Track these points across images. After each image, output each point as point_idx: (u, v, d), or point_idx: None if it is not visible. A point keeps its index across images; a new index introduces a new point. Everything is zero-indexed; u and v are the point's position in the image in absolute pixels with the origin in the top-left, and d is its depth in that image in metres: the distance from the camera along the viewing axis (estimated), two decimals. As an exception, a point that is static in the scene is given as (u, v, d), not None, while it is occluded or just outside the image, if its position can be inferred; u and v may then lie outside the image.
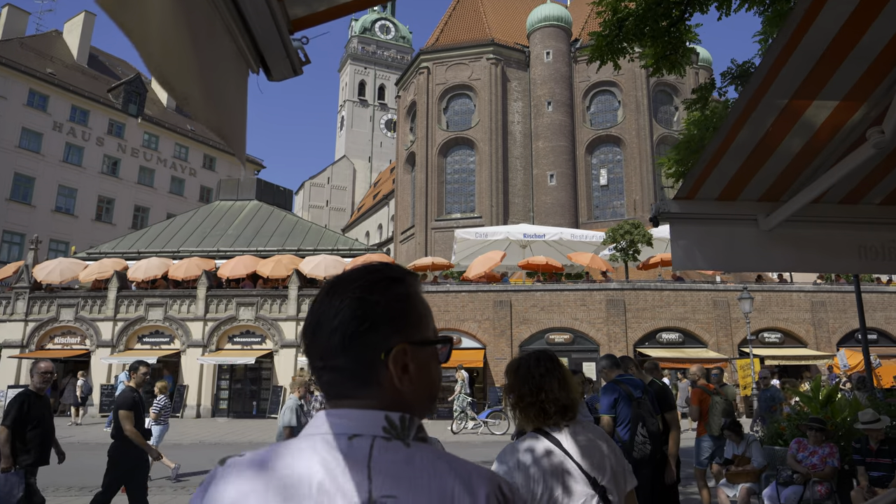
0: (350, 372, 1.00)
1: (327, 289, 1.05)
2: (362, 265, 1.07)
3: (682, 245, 2.87)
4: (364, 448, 0.95)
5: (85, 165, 41.89)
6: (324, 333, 1.01)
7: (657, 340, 22.09)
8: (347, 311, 1.00)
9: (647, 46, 5.50)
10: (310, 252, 26.46)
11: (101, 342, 24.61)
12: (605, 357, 4.98)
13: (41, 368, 6.01)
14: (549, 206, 40.03)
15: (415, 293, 1.06)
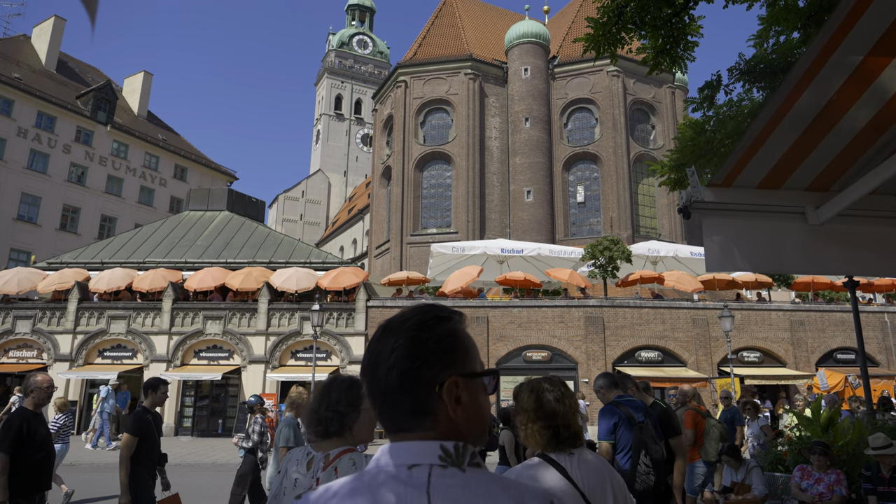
0: (408, 406, 1.10)
1: (382, 329, 1.16)
2: (413, 307, 1.18)
3: (718, 242, 2.39)
4: (423, 476, 1.05)
5: (50, 173, 40.64)
6: (382, 372, 1.11)
7: (636, 359, 21.73)
8: (402, 349, 1.11)
9: (647, 38, 5.09)
10: (281, 264, 25.69)
11: (58, 356, 23.48)
12: (602, 376, 4.47)
13: (40, 382, 5.14)
14: (526, 222, 39.77)
15: (462, 330, 1.17)
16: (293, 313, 23.66)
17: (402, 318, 1.15)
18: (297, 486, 2.49)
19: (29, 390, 5.14)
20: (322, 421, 2.51)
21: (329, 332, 23.25)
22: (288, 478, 2.55)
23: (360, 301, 23.54)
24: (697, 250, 24.29)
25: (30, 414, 5.04)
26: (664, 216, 40.84)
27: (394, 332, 1.12)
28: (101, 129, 43.97)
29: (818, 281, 23.74)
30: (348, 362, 22.94)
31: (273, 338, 23.44)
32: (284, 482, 2.56)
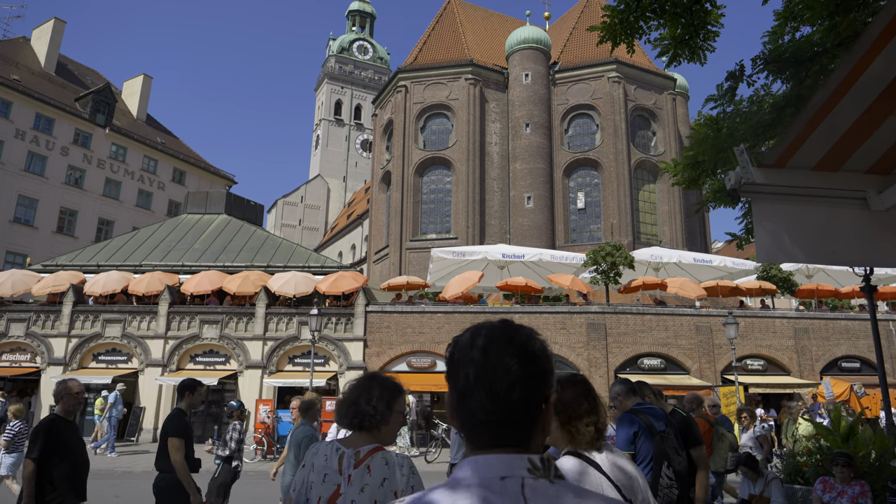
0: (520, 422, 1.15)
1: (487, 349, 1.16)
2: (493, 328, 1.21)
3: (769, 229, 2.13)
4: (516, 487, 1.09)
5: (47, 175, 40.39)
6: (501, 387, 1.13)
7: (638, 366, 21.44)
8: (522, 367, 1.15)
9: (665, 26, 4.85)
10: (280, 269, 25.41)
11: (52, 360, 23.15)
12: (619, 382, 4.21)
13: (72, 388, 4.93)
14: (526, 228, 39.55)
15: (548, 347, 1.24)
16: (291, 318, 23.37)
17: (504, 337, 1.18)
18: (325, 481, 2.46)
19: (59, 397, 4.93)
20: (359, 414, 2.54)
21: (327, 338, 22.96)
22: (316, 472, 2.51)
23: (358, 306, 23.26)
24: (700, 256, 24.06)
25: (60, 420, 4.83)
26: (665, 223, 40.63)
27: (501, 352, 1.16)
28: (100, 132, 43.74)
29: (822, 288, 23.50)
30: (347, 368, 22.64)
31: (270, 343, 23.14)
32: (311, 476, 2.52)
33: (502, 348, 1.16)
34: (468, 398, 1.16)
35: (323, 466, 2.49)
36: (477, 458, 1.14)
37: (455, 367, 1.21)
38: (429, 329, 22.45)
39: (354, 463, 2.45)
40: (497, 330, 1.20)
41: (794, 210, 2.13)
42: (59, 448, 4.69)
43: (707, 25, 4.72)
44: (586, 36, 44.63)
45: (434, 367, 22.22)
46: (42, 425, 4.74)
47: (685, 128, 44.29)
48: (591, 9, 46.97)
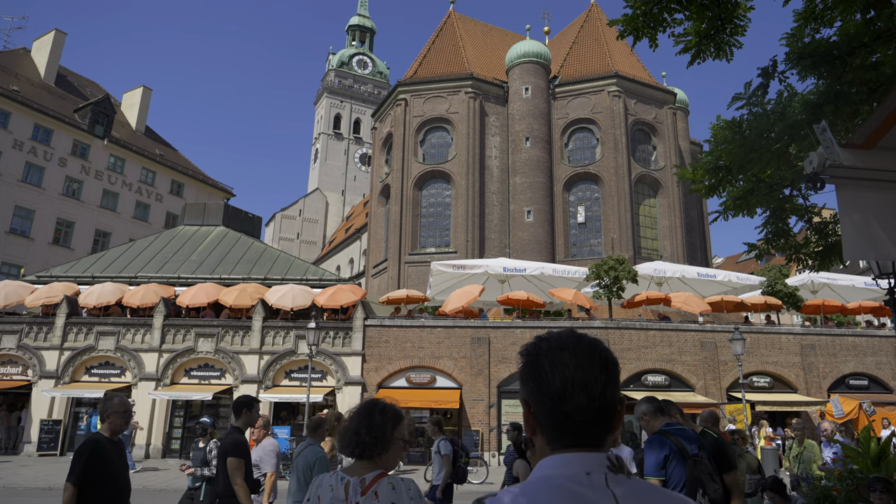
0: (607, 423, 1.27)
1: (578, 354, 1.28)
2: (574, 334, 1.33)
3: (857, 221, 1.80)
4: (601, 481, 1.20)
5: (45, 186, 40.11)
6: (594, 391, 1.24)
7: (643, 383, 21.01)
8: (608, 374, 1.27)
9: (690, 19, 4.56)
10: (277, 281, 25.03)
11: (44, 373, 22.68)
12: (645, 401, 3.86)
13: (118, 406, 4.49)
14: (526, 242, 39.25)
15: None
16: (288, 332, 22.97)
17: (586, 341, 1.31)
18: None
19: (106, 415, 4.49)
20: (361, 444, 2.54)
21: (325, 352, 22.53)
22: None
23: (357, 319, 22.86)
24: (704, 271, 23.74)
25: (105, 441, 4.40)
26: (665, 237, 40.37)
27: (592, 353, 1.28)
28: (98, 143, 43.53)
29: (828, 304, 23.15)
30: (344, 383, 22.21)
31: (267, 357, 22.71)
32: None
33: (591, 354, 1.28)
34: (565, 400, 1.25)
35: (330, 498, 2.48)
36: (561, 456, 1.25)
37: (543, 370, 1.28)
38: (428, 344, 22.04)
39: (361, 490, 2.45)
40: (577, 337, 1.32)
41: (884, 199, 1.81)
42: (102, 471, 4.29)
43: (734, 19, 4.43)
44: (586, 50, 44.68)
45: (434, 383, 21.79)
46: (86, 447, 4.31)
47: (685, 142, 44.20)
48: (590, 23, 47.06)
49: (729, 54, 4.70)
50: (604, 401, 1.25)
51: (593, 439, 1.25)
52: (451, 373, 21.69)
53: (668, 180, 41.14)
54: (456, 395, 21.18)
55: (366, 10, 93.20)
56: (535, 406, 1.29)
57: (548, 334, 1.35)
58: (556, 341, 1.31)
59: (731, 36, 4.60)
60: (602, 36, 45.28)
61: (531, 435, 1.33)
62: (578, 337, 1.31)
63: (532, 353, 1.32)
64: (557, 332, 1.34)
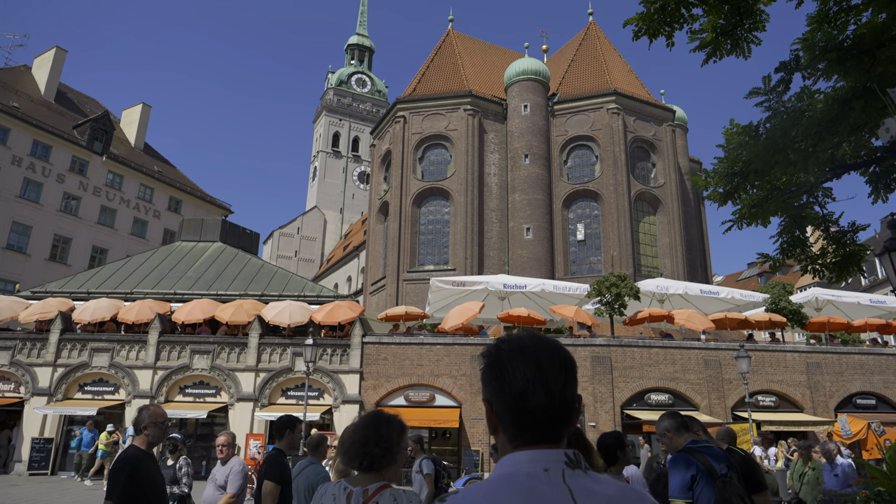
0: (565, 420, 1.33)
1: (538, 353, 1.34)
2: (534, 336, 1.38)
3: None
4: (558, 477, 1.25)
5: (42, 202, 39.93)
6: (554, 389, 1.31)
7: (646, 402, 20.63)
8: (568, 371, 1.34)
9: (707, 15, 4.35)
10: (274, 297, 24.72)
11: (36, 390, 22.27)
12: (668, 416, 3.60)
13: (155, 417, 4.17)
14: (525, 259, 39.02)
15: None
16: (285, 349, 22.61)
17: (545, 341, 1.37)
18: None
19: (142, 426, 4.17)
20: (369, 455, 2.53)
21: (322, 370, 22.17)
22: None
23: (355, 336, 22.53)
24: (707, 288, 23.49)
25: (142, 455, 4.09)
26: (665, 255, 40.17)
27: (552, 352, 1.34)
28: (97, 160, 43.44)
29: (833, 321, 22.86)
30: (342, 401, 21.80)
31: (263, 374, 22.33)
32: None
33: (551, 354, 1.34)
34: (527, 398, 1.30)
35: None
36: (522, 453, 1.29)
37: (505, 370, 1.33)
38: (427, 361, 21.69)
39: (363, 500, 2.46)
40: (537, 338, 1.38)
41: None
42: (143, 487, 3.98)
43: (753, 13, 4.22)
44: (585, 67, 44.83)
45: (433, 402, 21.40)
46: (125, 462, 4.00)
47: (684, 160, 44.19)
48: (589, 41, 47.28)
49: (746, 51, 4.49)
50: (563, 398, 1.31)
51: (552, 435, 1.30)
52: (450, 391, 21.32)
53: (667, 197, 41.05)
54: (455, 413, 20.80)
55: (365, 30, 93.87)
56: (498, 404, 1.34)
57: (508, 336, 1.41)
58: (517, 342, 1.37)
59: (749, 32, 4.40)
60: (601, 53, 45.47)
61: (493, 433, 1.37)
62: (538, 338, 1.37)
63: (494, 354, 1.37)
64: (518, 333, 1.41)
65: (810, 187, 5.77)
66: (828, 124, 4.14)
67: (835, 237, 6.28)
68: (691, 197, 44.75)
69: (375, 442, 2.53)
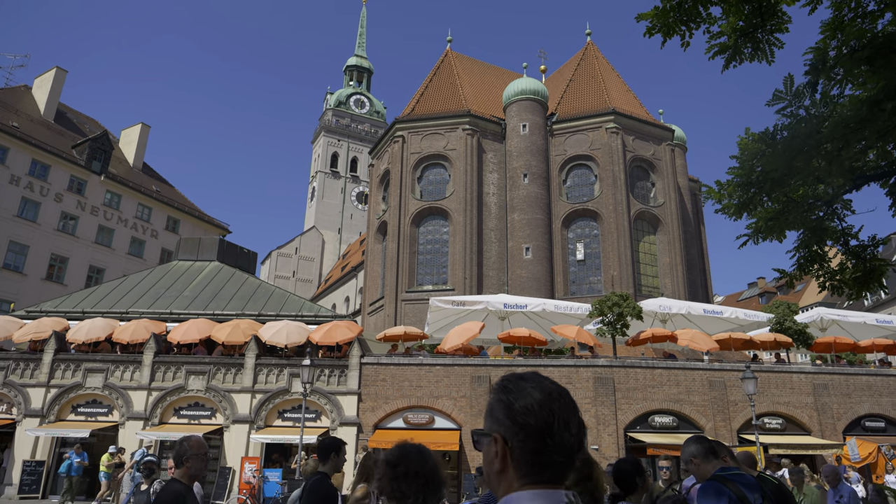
0: (573, 461, 1.35)
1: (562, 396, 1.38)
2: (545, 377, 1.42)
3: None
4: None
5: (40, 221, 39.77)
6: (573, 431, 1.36)
7: (650, 424, 20.20)
8: (577, 416, 1.39)
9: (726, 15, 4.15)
10: (272, 317, 24.40)
11: (29, 411, 21.85)
12: (695, 441, 3.32)
13: (197, 448, 3.95)
14: (525, 279, 38.74)
15: None
16: (282, 369, 22.24)
17: (560, 387, 1.40)
18: None
19: (183, 458, 3.93)
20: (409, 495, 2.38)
21: (319, 391, 21.78)
22: None
23: (353, 357, 22.17)
24: (710, 308, 23.21)
25: (185, 490, 3.85)
26: (666, 275, 39.92)
27: (568, 396, 1.39)
28: (95, 179, 43.35)
29: (840, 341, 22.53)
30: (339, 423, 21.38)
31: (259, 395, 21.92)
32: None
33: (567, 397, 1.39)
34: (552, 437, 1.32)
35: None
36: (533, 492, 1.30)
37: (531, 409, 1.34)
38: (427, 383, 21.31)
39: None
40: (551, 381, 1.41)
41: None
42: None
43: (776, 13, 4.02)
44: (583, 87, 44.97)
45: (432, 424, 20.99)
46: (173, 498, 3.77)
47: (684, 179, 44.16)
48: (587, 61, 47.50)
49: (769, 54, 4.29)
50: (578, 441, 1.35)
51: (562, 476, 1.33)
52: (450, 413, 20.92)
53: (667, 217, 40.92)
54: (455, 436, 20.37)
55: (363, 51, 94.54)
56: (515, 442, 1.33)
57: (523, 374, 1.41)
58: (537, 381, 1.39)
59: (771, 33, 4.20)
60: (599, 73, 45.64)
61: (500, 470, 1.35)
62: (551, 381, 1.40)
63: (514, 389, 1.37)
64: (530, 372, 1.42)
65: (829, 199, 5.55)
66: (855, 126, 3.93)
67: (854, 251, 6.05)
68: (691, 216, 44.65)
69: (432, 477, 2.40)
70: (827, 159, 4.16)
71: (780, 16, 4.12)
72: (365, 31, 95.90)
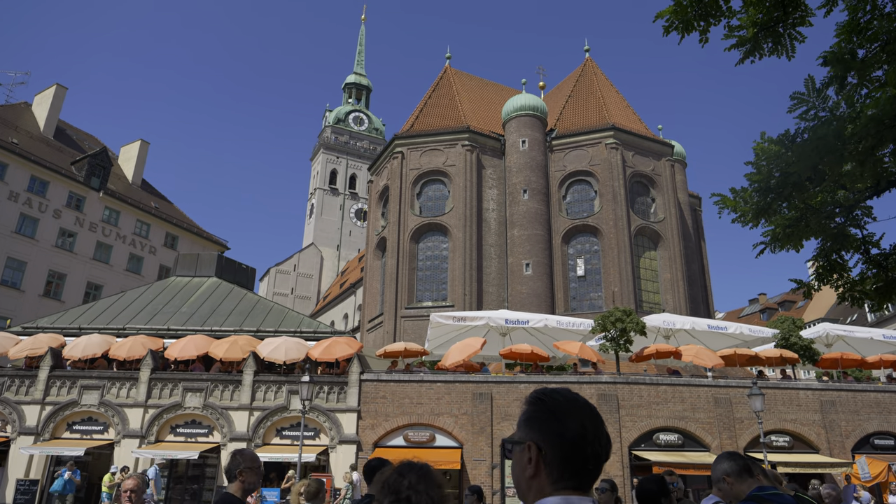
0: (601, 471, 1.47)
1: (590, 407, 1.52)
2: (569, 391, 1.56)
3: None
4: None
5: (38, 238, 39.60)
6: (604, 441, 1.48)
7: (654, 442, 19.85)
8: (604, 429, 1.50)
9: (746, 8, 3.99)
10: (270, 333, 24.10)
11: (23, 429, 21.47)
12: (727, 458, 3.09)
13: (253, 460, 3.82)
14: (525, 296, 38.50)
15: None
16: (280, 386, 21.91)
17: (587, 402, 1.53)
18: None
19: (237, 472, 3.77)
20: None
21: (318, 408, 21.43)
22: None
23: (353, 374, 21.85)
24: (714, 323, 22.96)
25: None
26: (667, 291, 39.69)
27: (593, 412, 1.50)
28: (94, 195, 43.25)
29: (847, 357, 22.25)
30: (339, 441, 21.02)
31: (257, 413, 21.57)
32: None
33: (594, 409, 1.51)
34: (586, 446, 1.43)
35: None
36: (566, 497, 1.39)
37: (565, 417, 1.46)
38: (427, 400, 20.98)
39: None
40: (580, 395, 1.55)
41: None
42: None
43: (799, 7, 3.87)
44: (582, 103, 45.05)
45: (433, 442, 20.63)
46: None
47: (684, 195, 44.10)
48: (585, 77, 47.64)
49: (789, 49, 4.13)
50: (606, 451, 1.47)
51: (590, 484, 1.43)
52: (451, 431, 20.57)
53: (668, 232, 40.79)
54: (457, 454, 20.01)
55: (362, 69, 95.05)
56: (550, 449, 1.43)
57: (556, 388, 1.54)
58: (570, 395, 1.52)
59: (793, 27, 4.04)
60: (598, 89, 45.75)
61: (532, 476, 1.44)
62: (581, 395, 1.53)
63: (550, 401, 1.50)
64: (562, 387, 1.55)
65: (851, 204, 5.37)
66: (890, 123, 3.74)
67: (875, 260, 5.85)
68: (692, 232, 44.53)
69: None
70: (858, 159, 3.97)
71: (803, 9, 3.97)
72: (364, 49, 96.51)
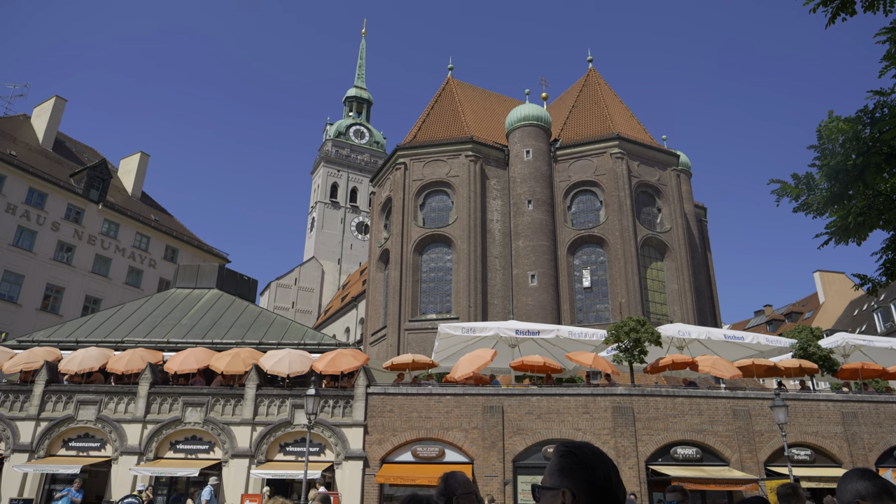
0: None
1: (609, 459, 1.79)
2: (588, 444, 1.85)
3: None
4: None
5: (36, 251, 39.06)
6: (622, 490, 1.74)
7: (672, 456, 19.16)
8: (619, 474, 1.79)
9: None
10: (273, 346, 23.49)
11: (17, 446, 20.79)
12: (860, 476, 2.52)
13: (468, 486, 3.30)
14: (531, 307, 37.92)
15: None
16: (284, 400, 21.26)
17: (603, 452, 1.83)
18: None
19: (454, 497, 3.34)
20: None
21: (323, 423, 20.77)
22: None
23: (359, 387, 21.21)
24: (731, 333, 22.34)
25: None
26: (675, 302, 39.12)
27: (611, 461, 1.78)
28: (93, 208, 42.77)
29: (868, 368, 21.63)
30: (345, 457, 20.34)
31: (260, 428, 20.91)
32: None
33: (612, 460, 1.79)
34: (611, 491, 1.70)
35: None
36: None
37: (594, 468, 1.73)
38: (437, 413, 20.33)
39: None
40: (598, 447, 1.84)
41: None
42: None
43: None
44: (586, 113, 44.73)
45: (442, 457, 19.95)
46: None
47: (689, 205, 43.65)
48: (589, 87, 47.36)
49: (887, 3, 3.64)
50: (624, 493, 1.74)
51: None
52: (461, 445, 19.90)
53: (674, 243, 40.29)
54: (467, 470, 19.31)
55: (363, 82, 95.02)
56: (582, 494, 1.68)
57: (577, 442, 1.85)
58: (596, 449, 1.81)
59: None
60: (601, 99, 45.45)
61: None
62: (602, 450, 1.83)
63: (580, 454, 1.78)
64: (582, 441, 1.86)
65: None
66: None
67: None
68: (698, 243, 44.04)
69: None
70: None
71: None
72: (364, 63, 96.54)
